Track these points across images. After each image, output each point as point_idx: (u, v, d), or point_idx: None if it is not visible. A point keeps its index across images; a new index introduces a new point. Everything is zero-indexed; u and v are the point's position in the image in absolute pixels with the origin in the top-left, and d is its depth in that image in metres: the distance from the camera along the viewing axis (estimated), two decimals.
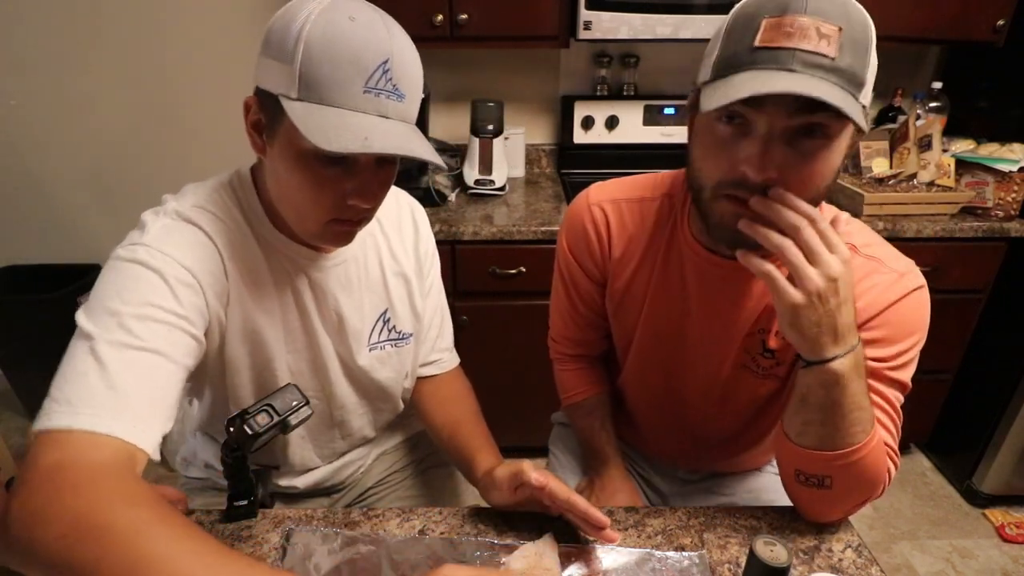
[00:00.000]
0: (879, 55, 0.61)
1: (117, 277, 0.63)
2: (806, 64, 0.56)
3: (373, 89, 0.60)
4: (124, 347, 0.58)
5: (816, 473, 0.69)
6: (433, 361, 0.97)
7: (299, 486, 0.93)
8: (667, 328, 0.84)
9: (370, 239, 0.84)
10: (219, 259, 0.70)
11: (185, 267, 0.65)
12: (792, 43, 0.57)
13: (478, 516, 0.77)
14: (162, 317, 0.62)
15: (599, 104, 1.93)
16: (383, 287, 0.86)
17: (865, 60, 0.58)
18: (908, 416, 0.77)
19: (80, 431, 0.54)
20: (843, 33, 0.57)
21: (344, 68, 0.58)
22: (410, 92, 0.63)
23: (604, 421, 0.98)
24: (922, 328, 0.73)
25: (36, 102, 1.92)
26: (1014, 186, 1.57)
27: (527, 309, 1.65)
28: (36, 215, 2.07)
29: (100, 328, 0.59)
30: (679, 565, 0.70)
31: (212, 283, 0.69)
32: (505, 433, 1.84)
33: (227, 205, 0.73)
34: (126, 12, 1.82)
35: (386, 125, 0.61)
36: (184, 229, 0.68)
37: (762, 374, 0.82)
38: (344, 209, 0.67)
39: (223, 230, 0.71)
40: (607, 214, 0.85)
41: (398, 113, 0.62)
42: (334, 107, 0.59)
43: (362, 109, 0.60)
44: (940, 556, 1.68)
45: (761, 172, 0.61)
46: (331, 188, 0.65)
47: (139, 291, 0.62)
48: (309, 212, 0.68)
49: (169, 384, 0.62)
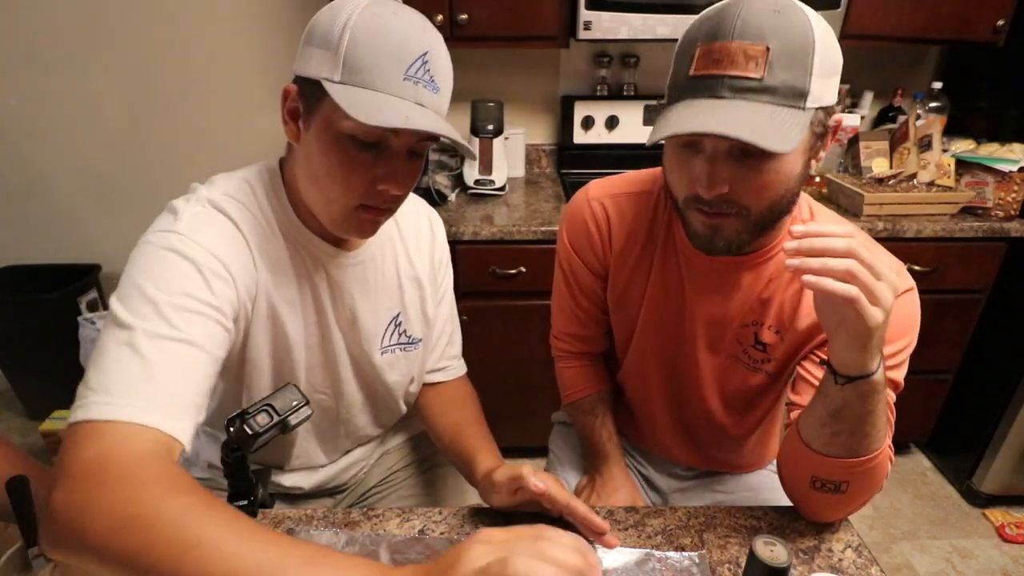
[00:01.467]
0: (879, 55, 0.62)
1: (151, 264, 0.63)
2: (734, 89, 0.60)
3: (412, 78, 0.63)
4: (162, 338, 0.59)
5: (835, 479, 0.69)
6: (441, 368, 0.97)
7: (304, 487, 0.93)
8: (667, 318, 0.86)
9: (388, 243, 0.85)
10: (248, 249, 0.71)
11: (218, 257, 0.66)
12: (721, 70, 0.60)
13: (478, 516, 0.77)
14: (198, 308, 0.62)
15: (599, 104, 1.93)
16: (398, 290, 0.87)
17: (805, 68, 0.60)
18: (908, 416, 0.77)
19: (120, 422, 0.54)
20: (772, 51, 0.59)
21: (387, 56, 0.62)
22: (444, 86, 0.67)
23: (605, 419, 0.99)
24: (914, 329, 0.74)
25: (36, 102, 1.92)
26: (1014, 186, 1.57)
27: (527, 309, 1.65)
28: (36, 215, 2.08)
29: (138, 318, 0.59)
30: (679, 565, 0.70)
31: (242, 274, 0.69)
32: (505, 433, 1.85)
33: (255, 196, 0.74)
34: (127, 12, 1.82)
35: (423, 111, 0.64)
36: (215, 218, 0.69)
37: (752, 367, 0.84)
38: (373, 195, 0.68)
39: (251, 220, 0.72)
40: (607, 209, 0.86)
41: (433, 104, 0.66)
42: (375, 91, 0.62)
43: (400, 95, 0.63)
44: (940, 556, 1.68)
45: (711, 189, 0.65)
46: (362, 172, 0.67)
47: (175, 280, 0.62)
48: (339, 196, 0.68)
49: (204, 376, 0.62)
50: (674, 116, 0.62)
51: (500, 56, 1.91)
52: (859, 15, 1.57)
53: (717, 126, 0.58)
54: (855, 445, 0.66)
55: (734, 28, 0.60)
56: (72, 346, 1.95)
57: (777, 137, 0.58)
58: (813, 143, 0.66)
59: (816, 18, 0.62)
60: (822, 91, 0.62)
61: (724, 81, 0.60)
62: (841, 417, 0.65)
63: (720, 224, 0.69)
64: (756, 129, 0.58)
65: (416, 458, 1.06)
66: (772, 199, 0.67)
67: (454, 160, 1.93)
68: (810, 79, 0.60)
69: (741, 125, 0.58)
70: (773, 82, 0.59)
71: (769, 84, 0.59)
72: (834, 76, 0.63)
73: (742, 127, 0.58)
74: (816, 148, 0.67)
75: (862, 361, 0.60)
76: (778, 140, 0.58)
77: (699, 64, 0.62)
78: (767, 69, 0.59)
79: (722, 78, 0.60)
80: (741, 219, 0.69)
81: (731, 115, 0.60)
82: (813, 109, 0.62)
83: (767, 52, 0.59)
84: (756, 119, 0.59)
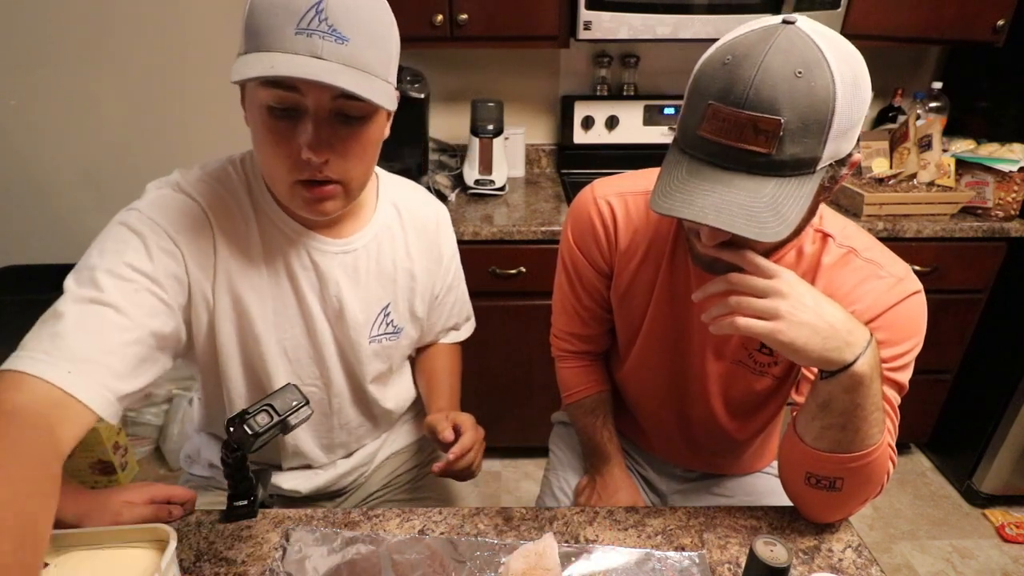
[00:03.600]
0: (878, 55, 0.61)
1: (105, 237, 0.68)
2: (741, 161, 0.59)
3: (305, 30, 0.60)
4: (85, 301, 0.62)
5: (829, 476, 0.69)
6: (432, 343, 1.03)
7: (302, 490, 0.92)
8: (673, 321, 0.86)
9: (386, 232, 0.85)
10: (210, 233, 0.72)
11: (169, 235, 0.68)
12: (729, 140, 0.59)
13: (478, 516, 0.77)
14: (131, 276, 0.65)
15: (599, 104, 1.93)
16: (391, 281, 0.87)
17: (820, 137, 0.58)
18: (908, 416, 0.77)
19: (10, 371, 0.56)
20: (784, 124, 0.56)
21: (277, 14, 0.60)
22: (357, 34, 0.62)
23: (605, 419, 0.99)
24: (920, 332, 0.74)
25: (36, 102, 1.91)
26: (1014, 186, 1.57)
27: (527, 309, 1.65)
28: (36, 215, 2.07)
29: (74, 283, 0.63)
30: (679, 565, 0.70)
31: (196, 255, 0.70)
32: (505, 433, 1.85)
33: (232, 180, 0.75)
34: (126, 12, 1.82)
35: (314, 63, 0.60)
36: (179, 200, 0.71)
37: (758, 371, 0.83)
38: (301, 165, 0.66)
39: (220, 205, 0.73)
40: (613, 207, 0.86)
41: (338, 56, 0.61)
42: (268, 52, 0.60)
43: (292, 50, 0.60)
44: (940, 556, 1.68)
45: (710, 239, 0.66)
46: (285, 141, 0.65)
47: (117, 250, 0.66)
48: (275, 172, 0.69)
49: (122, 340, 0.63)
50: (685, 185, 0.61)
51: (500, 56, 1.91)
52: (859, 15, 1.57)
53: (721, 220, 0.58)
54: (847, 440, 0.66)
55: (747, 96, 0.57)
56: None
57: (775, 222, 0.58)
58: (821, 192, 0.64)
59: (843, 76, 0.57)
60: (837, 148, 0.60)
61: (732, 152, 0.59)
62: (830, 410, 0.65)
63: (721, 254, 0.68)
64: (755, 217, 0.58)
65: (417, 463, 1.06)
66: (776, 242, 0.68)
67: (454, 160, 1.93)
68: (823, 146, 0.58)
69: (742, 215, 0.58)
70: (782, 157, 0.58)
71: (776, 159, 0.58)
72: (855, 128, 0.60)
73: (741, 219, 0.58)
74: (827, 191, 0.66)
75: (829, 360, 0.62)
76: (776, 226, 0.58)
77: (708, 127, 0.60)
78: (777, 145, 0.57)
79: (729, 149, 0.59)
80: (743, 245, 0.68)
81: (734, 199, 0.59)
82: (825, 167, 0.60)
83: (780, 126, 0.56)
84: (759, 202, 0.58)
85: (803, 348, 0.61)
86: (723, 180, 0.60)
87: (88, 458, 1.79)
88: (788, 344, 0.61)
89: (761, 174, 0.59)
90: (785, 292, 0.62)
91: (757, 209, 0.58)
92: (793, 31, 0.58)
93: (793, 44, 0.57)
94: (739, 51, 0.58)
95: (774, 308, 0.62)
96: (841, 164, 0.63)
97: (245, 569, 0.69)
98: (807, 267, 0.77)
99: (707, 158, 0.61)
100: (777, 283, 0.63)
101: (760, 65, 0.56)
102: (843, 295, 0.74)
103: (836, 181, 0.65)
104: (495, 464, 1.99)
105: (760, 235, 0.58)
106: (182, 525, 0.75)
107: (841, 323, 0.62)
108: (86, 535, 0.64)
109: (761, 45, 0.57)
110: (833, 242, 0.76)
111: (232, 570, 0.69)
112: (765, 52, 0.57)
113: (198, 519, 0.76)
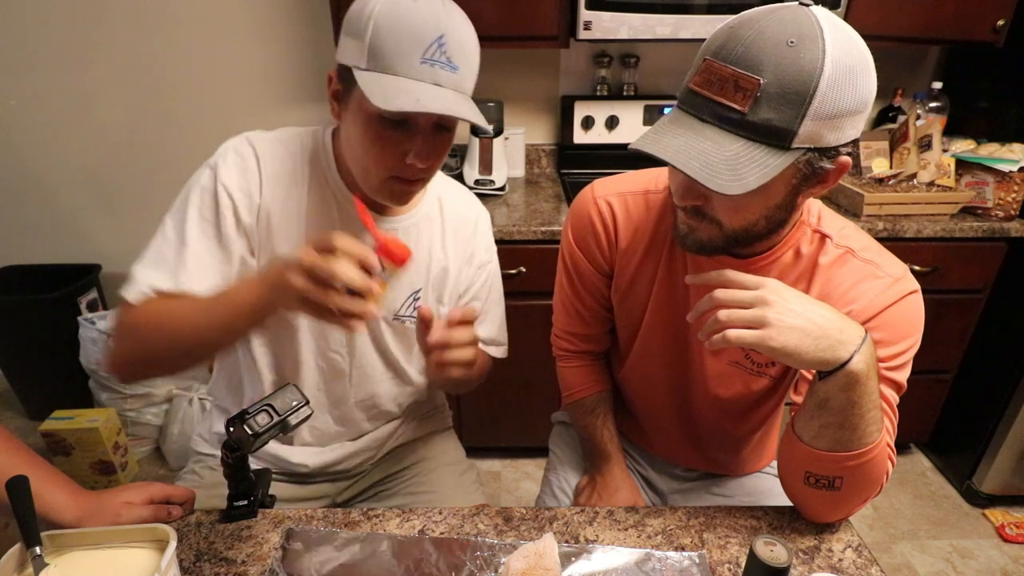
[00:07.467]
0: (878, 55, 0.61)
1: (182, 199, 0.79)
2: (716, 116, 0.61)
3: (429, 60, 0.68)
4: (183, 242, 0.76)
5: (827, 475, 0.69)
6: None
7: (309, 464, 0.94)
8: (672, 319, 0.86)
9: (427, 222, 0.89)
10: (258, 181, 0.79)
11: (231, 194, 0.77)
12: (710, 93, 0.61)
13: (478, 516, 0.77)
14: (212, 233, 0.77)
15: (599, 104, 1.93)
16: (425, 268, 0.90)
17: (797, 110, 0.58)
18: (908, 416, 0.77)
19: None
20: (763, 86, 0.58)
21: (405, 42, 0.67)
22: (463, 64, 0.71)
23: (606, 419, 0.99)
24: (918, 331, 0.74)
25: (36, 102, 1.92)
26: (1014, 186, 1.57)
27: (527, 309, 1.65)
28: (36, 215, 2.08)
29: (169, 216, 0.78)
30: (679, 565, 0.70)
31: (248, 205, 0.79)
32: (505, 433, 1.85)
33: (302, 148, 0.82)
34: (126, 12, 1.82)
35: (438, 91, 0.69)
36: (247, 160, 0.79)
37: (756, 371, 0.84)
38: (403, 168, 0.75)
39: (280, 168, 0.80)
40: (613, 207, 0.86)
41: (451, 83, 0.71)
42: (396, 75, 0.68)
43: (419, 77, 0.68)
44: (940, 556, 1.68)
45: (683, 200, 0.69)
46: (392, 147, 0.74)
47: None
48: (372, 169, 0.76)
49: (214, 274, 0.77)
50: (663, 129, 0.64)
51: (500, 56, 1.91)
52: (859, 15, 1.57)
53: (679, 159, 0.60)
54: (845, 438, 0.66)
55: (736, 53, 0.59)
56: (72, 346, 1.96)
57: (731, 178, 0.59)
58: (799, 182, 0.65)
59: (836, 59, 0.57)
60: (818, 133, 0.59)
61: (710, 105, 0.61)
62: (827, 409, 0.66)
63: (696, 226, 0.71)
64: (712, 166, 0.59)
65: (425, 456, 1.06)
66: (745, 221, 0.68)
67: (454, 160, 1.93)
68: (800, 121, 0.58)
69: (699, 160, 0.60)
70: (754, 119, 0.59)
71: (749, 120, 0.59)
72: (841, 119, 0.60)
73: (697, 163, 0.59)
74: (808, 184, 0.66)
75: (824, 360, 0.62)
76: (730, 182, 0.59)
77: (697, 79, 0.62)
78: (752, 105, 0.58)
79: (709, 101, 0.61)
80: (716, 227, 0.70)
81: (698, 146, 0.60)
82: (801, 150, 0.60)
83: (758, 86, 0.58)
84: (720, 154, 0.59)
85: (795, 351, 0.61)
86: (695, 128, 0.62)
87: (88, 458, 1.79)
88: (780, 349, 0.61)
89: (732, 131, 0.60)
90: (770, 300, 0.62)
91: (715, 160, 0.60)
92: (802, 10, 0.60)
93: (796, 18, 0.59)
94: (745, 17, 0.61)
95: (761, 316, 0.61)
96: (823, 155, 0.62)
97: (245, 569, 0.69)
98: (804, 267, 0.77)
99: (689, 109, 0.64)
100: (762, 292, 0.63)
101: (757, 28, 0.59)
102: (840, 295, 0.74)
103: (817, 176, 0.65)
104: (495, 464, 1.99)
105: (708, 182, 0.59)
106: (182, 525, 0.75)
107: (831, 323, 0.62)
108: (86, 535, 0.64)
109: (766, 14, 0.60)
110: (831, 242, 0.76)
111: (232, 570, 0.69)
112: (767, 19, 0.59)
113: (198, 519, 0.76)
